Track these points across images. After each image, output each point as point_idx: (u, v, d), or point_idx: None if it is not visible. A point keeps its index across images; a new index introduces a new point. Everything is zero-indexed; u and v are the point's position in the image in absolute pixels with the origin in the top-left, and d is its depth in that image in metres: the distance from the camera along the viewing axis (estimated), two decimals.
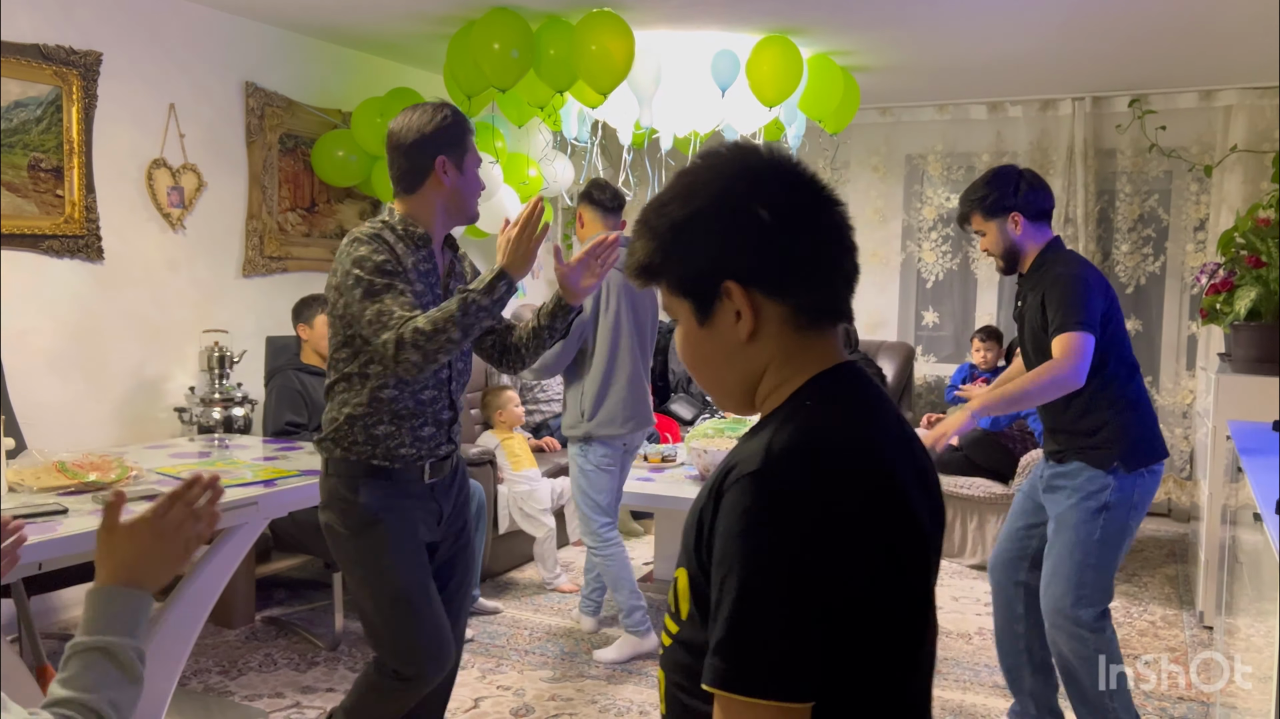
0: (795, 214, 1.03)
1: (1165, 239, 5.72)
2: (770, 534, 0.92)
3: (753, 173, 1.05)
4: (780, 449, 0.96)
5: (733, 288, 1.03)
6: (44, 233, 3.69)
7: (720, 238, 1.03)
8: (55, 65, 3.69)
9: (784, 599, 0.91)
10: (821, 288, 1.06)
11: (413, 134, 2.23)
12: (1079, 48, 4.66)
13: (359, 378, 2.23)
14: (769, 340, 1.05)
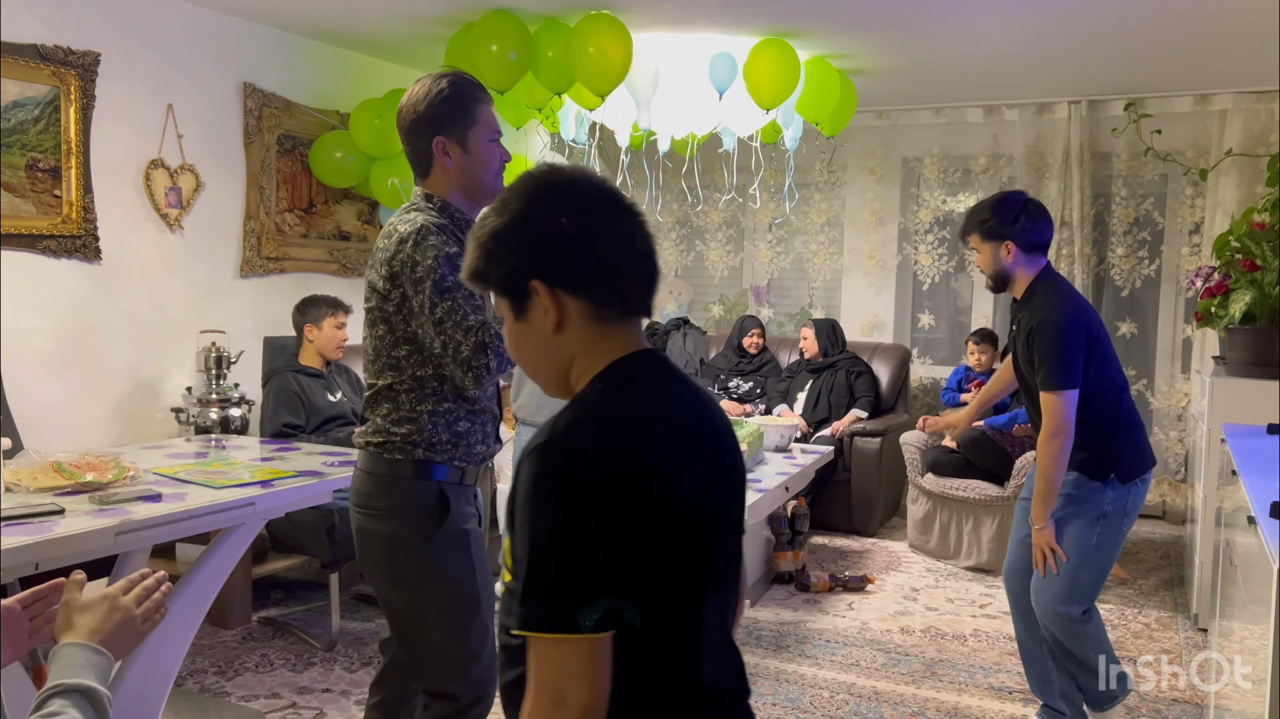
0: (592, 223, 1.20)
1: (1160, 242, 5.74)
2: (546, 495, 1.10)
3: (557, 187, 1.21)
4: (561, 425, 1.14)
5: (539, 287, 1.19)
6: (41, 233, 3.69)
7: (528, 243, 1.19)
8: (53, 65, 3.69)
9: (559, 551, 1.08)
10: (616, 286, 1.22)
11: (408, 115, 2.08)
12: (1075, 51, 4.68)
13: (434, 377, 2.03)
14: (574, 332, 1.21)
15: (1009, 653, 3.72)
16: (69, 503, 2.32)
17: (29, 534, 2.08)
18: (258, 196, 4.54)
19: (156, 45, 4.07)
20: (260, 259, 4.57)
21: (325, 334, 3.98)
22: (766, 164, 5.84)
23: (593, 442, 1.12)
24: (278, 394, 3.85)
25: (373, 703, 2.27)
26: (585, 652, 1.08)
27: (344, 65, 4.96)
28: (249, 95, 4.47)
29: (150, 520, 2.28)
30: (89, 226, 3.84)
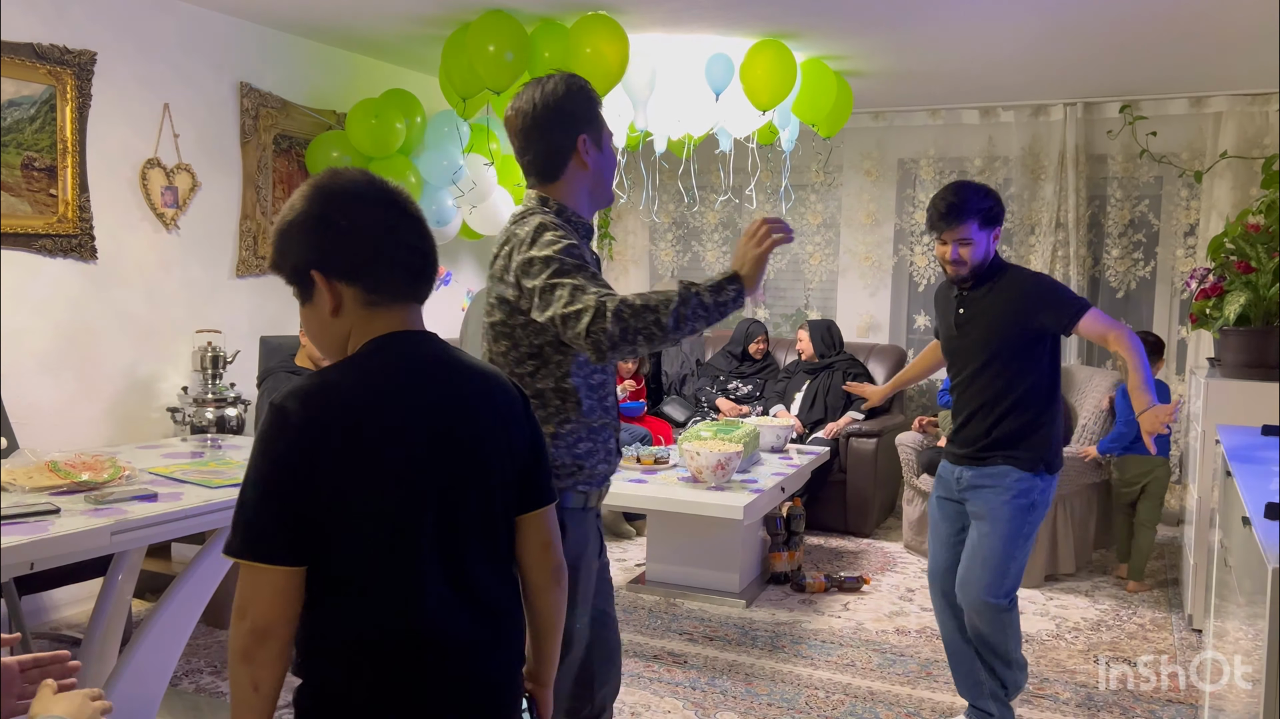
0: (362, 219, 1.38)
1: (1155, 244, 5.75)
2: (260, 446, 1.31)
3: (333, 189, 1.39)
4: (289, 389, 1.34)
5: (317, 276, 1.37)
6: (37, 232, 3.68)
7: (308, 238, 1.38)
8: (49, 65, 3.68)
9: (260, 493, 1.29)
10: (384, 274, 1.39)
11: (544, 112, 1.99)
12: (1071, 54, 4.69)
13: (555, 392, 1.97)
14: (348, 315, 1.39)
15: None
16: (64, 502, 2.31)
17: (24, 534, 2.08)
18: (254, 196, 4.53)
19: (153, 45, 4.06)
20: (256, 259, 4.57)
21: None
22: (763, 165, 5.85)
23: (298, 407, 1.31)
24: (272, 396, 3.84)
25: None
26: (270, 580, 1.28)
27: (340, 65, 4.96)
28: (245, 95, 4.46)
29: (146, 520, 2.28)
30: (85, 226, 3.84)
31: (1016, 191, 5.92)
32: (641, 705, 3.22)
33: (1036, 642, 3.86)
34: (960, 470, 2.90)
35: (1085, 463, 4.80)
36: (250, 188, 4.52)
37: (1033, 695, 3.36)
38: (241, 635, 1.28)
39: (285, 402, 1.32)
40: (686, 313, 1.81)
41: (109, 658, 2.71)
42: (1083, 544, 4.89)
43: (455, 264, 5.70)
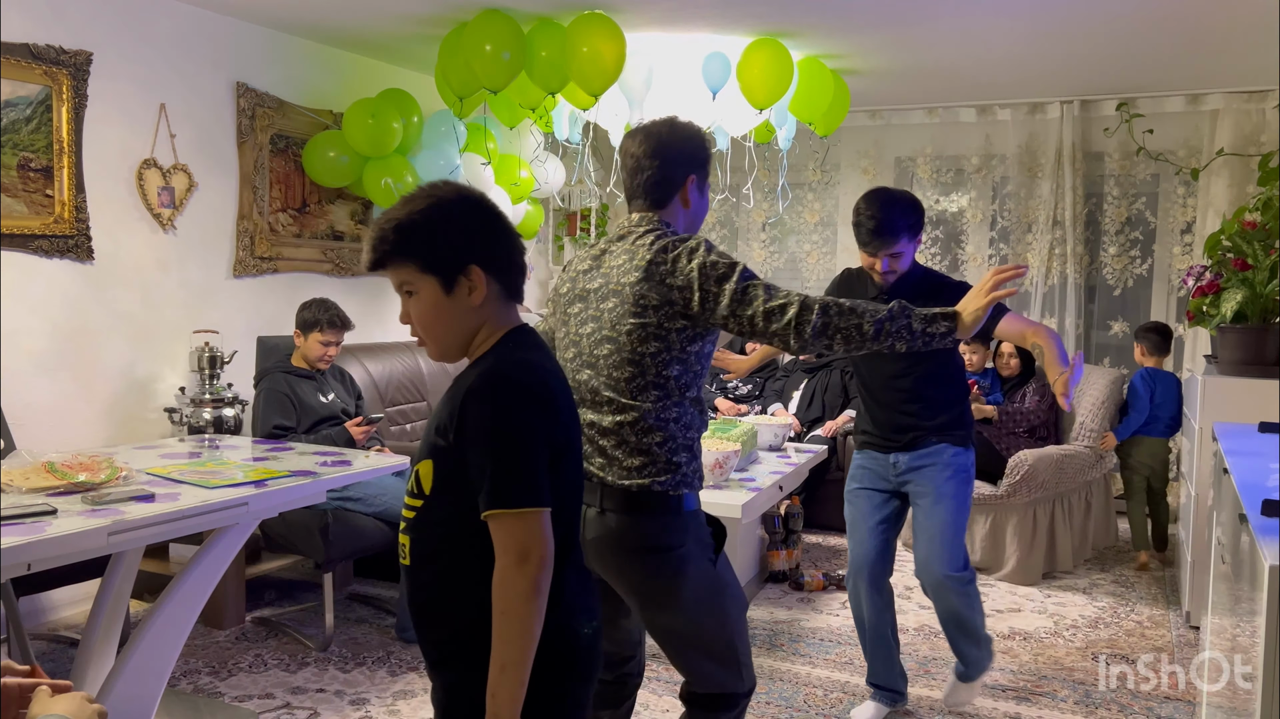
0: (500, 227, 1.58)
1: (1152, 242, 5.76)
2: (501, 413, 1.47)
3: (477, 195, 1.58)
4: (501, 370, 1.50)
5: (475, 269, 1.53)
6: (34, 233, 3.68)
7: (473, 232, 1.54)
8: (45, 65, 3.68)
9: (518, 448, 1.46)
10: (516, 274, 1.60)
11: (675, 143, 2.11)
12: (1067, 51, 4.69)
13: (694, 401, 2.07)
14: (486, 307, 1.56)
15: (1002, 651, 3.73)
16: (61, 503, 2.31)
17: (21, 535, 2.07)
18: (251, 196, 4.53)
19: (149, 44, 4.06)
20: (253, 259, 4.56)
21: (309, 345, 3.93)
22: (760, 164, 5.84)
23: (524, 376, 1.50)
24: (268, 396, 3.83)
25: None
26: (544, 521, 1.46)
27: (337, 65, 4.95)
28: (242, 95, 4.46)
29: (143, 521, 2.27)
30: (81, 226, 3.83)
31: (1013, 189, 5.93)
32: (640, 705, 3.22)
33: (1035, 639, 3.87)
34: (896, 456, 3.00)
35: (1086, 459, 4.80)
36: (247, 188, 4.51)
37: (1030, 693, 3.37)
38: (529, 577, 1.44)
39: (508, 374, 1.49)
40: (891, 328, 1.94)
41: (107, 658, 2.71)
42: (1081, 542, 4.90)
43: None
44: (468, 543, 1.50)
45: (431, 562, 1.55)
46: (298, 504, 2.86)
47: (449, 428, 1.50)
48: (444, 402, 1.55)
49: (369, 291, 5.24)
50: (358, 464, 3.02)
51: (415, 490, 1.56)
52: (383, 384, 4.75)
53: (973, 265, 6.10)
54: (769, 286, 1.98)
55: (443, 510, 1.53)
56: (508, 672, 1.43)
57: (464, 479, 1.48)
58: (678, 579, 2.04)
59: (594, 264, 2.12)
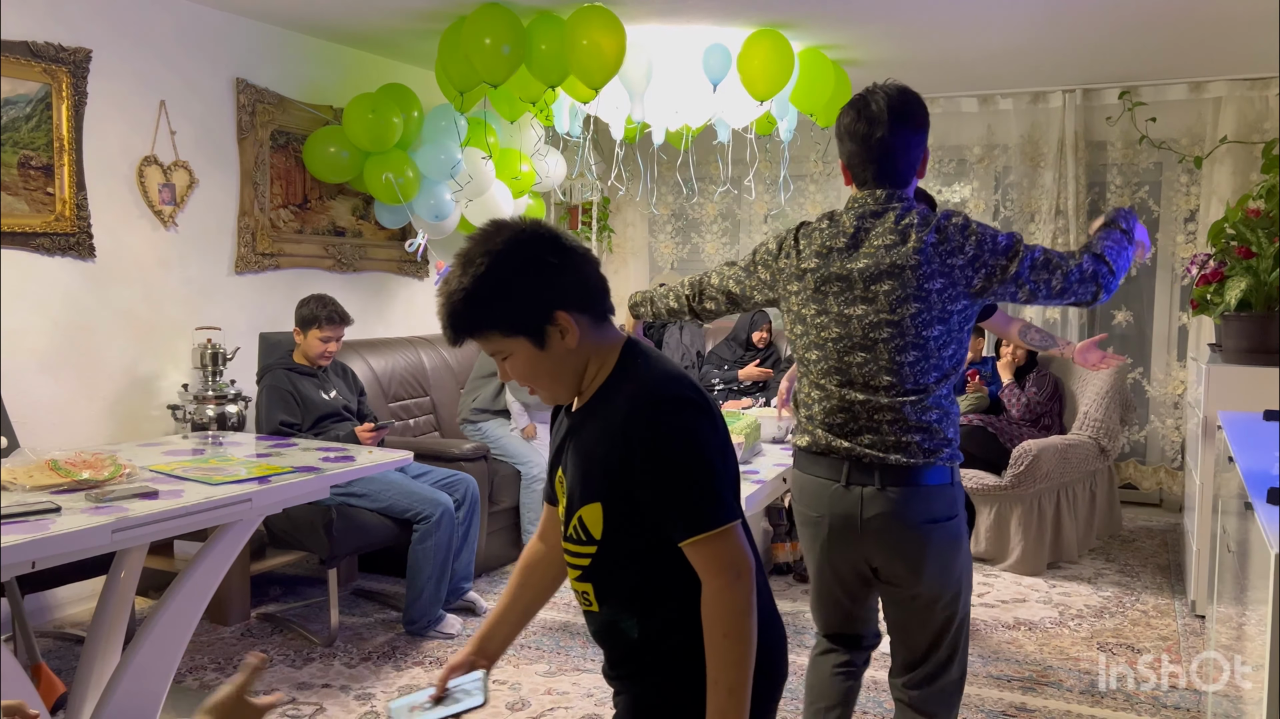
0: (567, 253, 1.45)
1: (1156, 230, 5.74)
2: (684, 432, 1.40)
3: (528, 234, 1.44)
4: (644, 395, 1.42)
5: (562, 315, 1.42)
6: (35, 230, 3.68)
7: (545, 282, 1.42)
8: (44, 63, 3.67)
9: (709, 466, 1.41)
10: (601, 297, 1.49)
11: (925, 117, 2.19)
12: (1069, 40, 4.67)
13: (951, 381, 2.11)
14: (586, 340, 1.46)
15: (1007, 641, 3.73)
16: (65, 501, 2.31)
17: (25, 532, 2.08)
18: (252, 193, 4.53)
19: (148, 41, 4.05)
20: (255, 255, 4.56)
21: (309, 342, 3.92)
22: (761, 155, 5.83)
23: (691, 393, 1.43)
24: (271, 393, 3.83)
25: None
26: (737, 534, 1.41)
27: (337, 60, 4.94)
28: (242, 91, 4.45)
29: (147, 518, 2.27)
30: (82, 224, 3.83)
31: (1016, 179, 5.91)
32: None
33: (1040, 629, 3.87)
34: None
35: (1090, 448, 4.80)
36: (248, 184, 4.51)
37: (1036, 683, 3.37)
38: (744, 594, 1.40)
39: (681, 394, 1.43)
40: (1132, 243, 2.16)
41: (112, 655, 2.71)
42: (1085, 531, 4.90)
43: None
44: (654, 568, 1.46)
45: (622, 598, 1.50)
46: (301, 500, 2.86)
47: (615, 467, 1.42)
48: (589, 436, 1.47)
49: (371, 287, 5.24)
50: (361, 460, 3.02)
51: (581, 537, 1.49)
52: (385, 379, 4.75)
53: None
54: (1052, 252, 2.05)
55: (621, 549, 1.47)
56: (735, 694, 1.37)
57: (639, 512, 1.43)
58: (956, 546, 2.13)
59: (850, 242, 2.09)
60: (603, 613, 1.52)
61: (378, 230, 5.21)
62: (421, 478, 3.95)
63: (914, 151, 2.14)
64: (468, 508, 3.93)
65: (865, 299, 2.05)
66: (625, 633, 1.51)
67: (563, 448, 1.55)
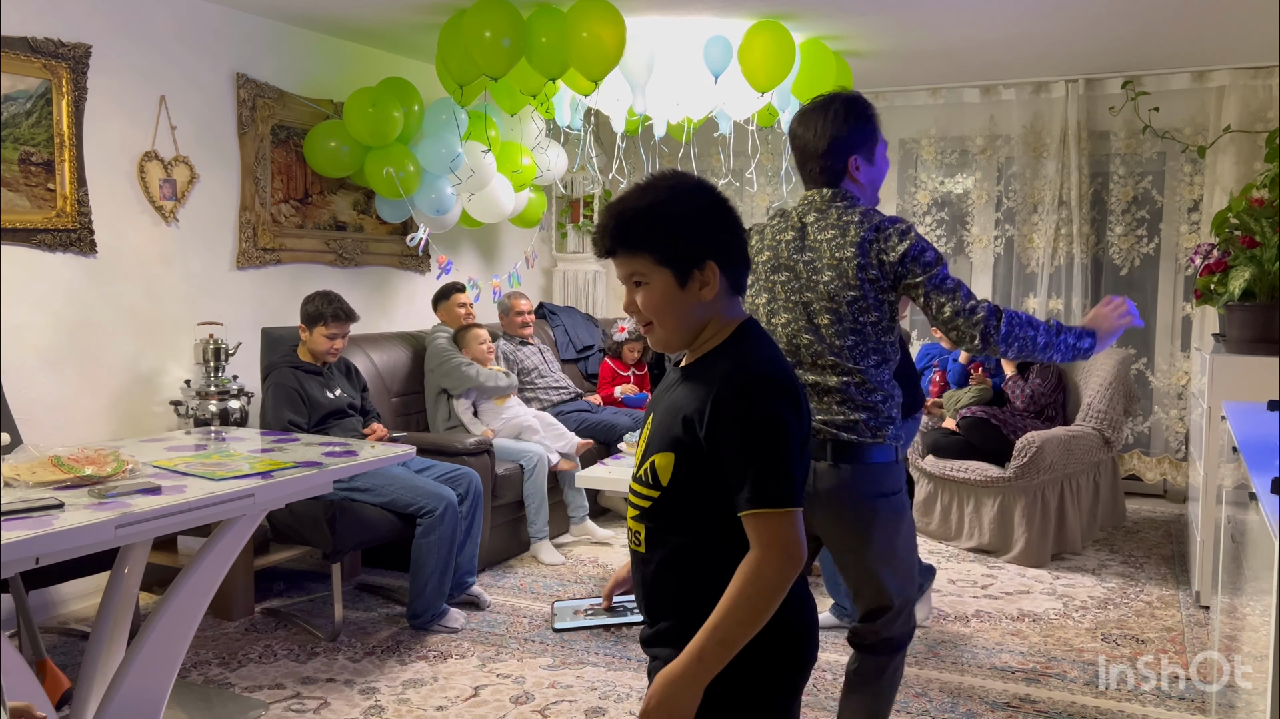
0: (736, 220, 1.57)
1: (1159, 220, 5.72)
2: (761, 413, 1.47)
3: (715, 192, 1.56)
4: (751, 366, 1.51)
5: (712, 265, 1.52)
6: (36, 227, 3.68)
7: (709, 230, 1.53)
8: (44, 58, 3.67)
9: (782, 447, 1.47)
10: (745, 270, 1.60)
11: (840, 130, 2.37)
12: (1071, 30, 4.65)
13: (889, 363, 2.28)
14: (717, 301, 1.55)
15: (1012, 633, 3.73)
16: (68, 497, 2.31)
17: (28, 528, 2.08)
18: (253, 188, 4.52)
19: (147, 36, 4.05)
20: (256, 250, 4.56)
21: (315, 340, 3.92)
22: (763, 147, 5.82)
23: (777, 374, 1.50)
24: (277, 390, 3.82)
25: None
26: (798, 520, 1.47)
27: (337, 54, 4.93)
28: (242, 86, 4.44)
29: (150, 513, 2.27)
30: (83, 220, 3.83)
31: (1019, 170, 5.89)
32: None
33: (1044, 621, 3.86)
34: None
35: (1094, 439, 4.79)
36: (249, 179, 4.50)
37: (1040, 674, 3.36)
38: (785, 575, 1.46)
39: (776, 378, 1.49)
40: (1056, 343, 2.21)
41: (117, 651, 2.72)
42: (1089, 523, 4.89)
43: (456, 252, 5.69)
44: (707, 533, 1.52)
45: (668, 550, 1.56)
46: (304, 495, 2.86)
47: (697, 422, 1.50)
48: (684, 392, 1.55)
49: (372, 282, 5.24)
50: (364, 455, 3.02)
51: (649, 480, 1.56)
52: (387, 374, 4.75)
53: (978, 247, 6.07)
54: (964, 288, 2.20)
55: (682, 502, 1.54)
56: (725, 646, 1.45)
57: (708, 473, 1.50)
58: (899, 518, 2.29)
59: (798, 236, 2.29)
60: (648, 557, 1.58)
61: (379, 225, 5.21)
62: (424, 472, 3.96)
63: (853, 153, 2.35)
64: (471, 502, 3.93)
65: (809, 287, 2.25)
66: (663, 580, 1.57)
67: (660, 395, 1.64)
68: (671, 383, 1.62)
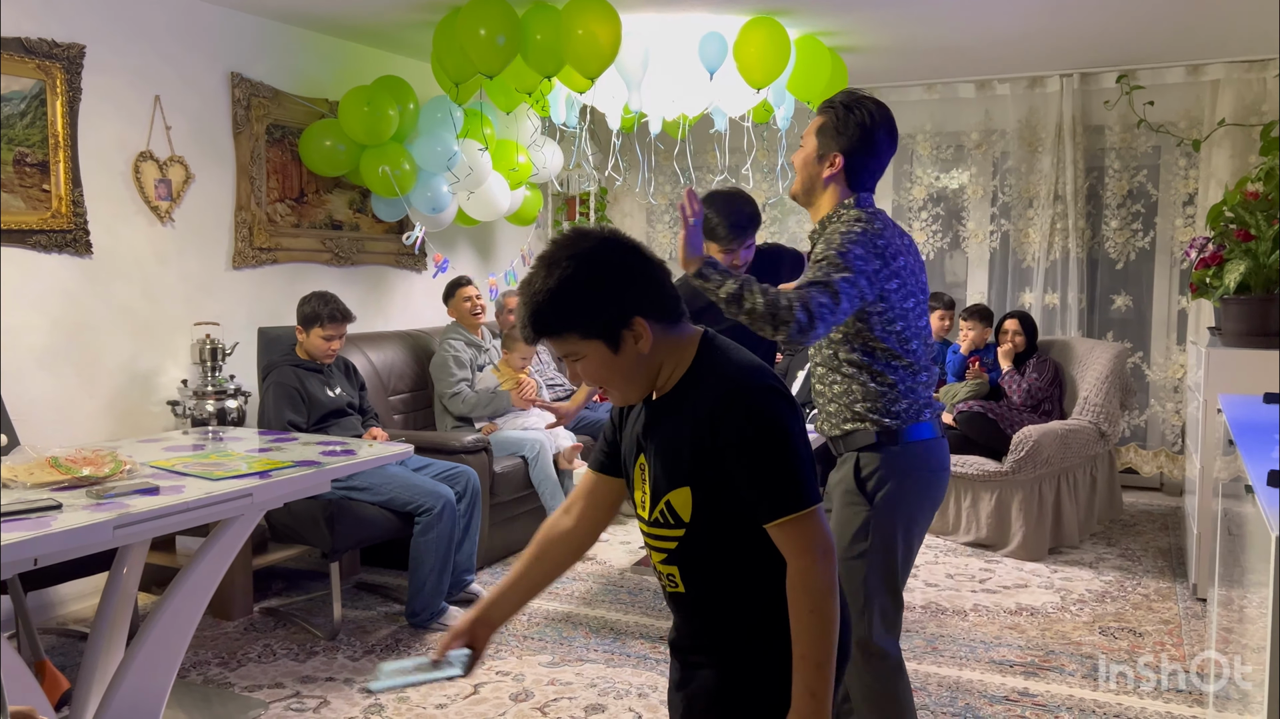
0: (646, 261, 1.52)
1: (1154, 214, 5.73)
2: (772, 421, 1.47)
3: (609, 242, 1.51)
4: (732, 384, 1.49)
5: (639, 322, 1.48)
6: (31, 228, 3.67)
7: (622, 289, 1.48)
8: (38, 59, 3.66)
9: (795, 451, 1.47)
10: (673, 302, 1.54)
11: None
12: (1066, 24, 4.66)
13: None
14: (658, 345, 1.52)
15: (1009, 627, 3.74)
16: (66, 498, 2.31)
17: (27, 530, 2.08)
18: (248, 187, 4.52)
19: (142, 36, 4.04)
20: (252, 250, 4.55)
21: (312, 341, 3.91)
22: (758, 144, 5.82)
23: (764, 379, 1.50)
24: (277, 389, 3.81)
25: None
26: (820, 516, 1.48)
27: (332, 53, 4.93)
28: (237, 85, 4.44)
29: (148, 513, 2.27)
30: (79, 221, 3.82)
31: (1014, 164, 5.90)
32: (649, 686, 3.23)
33: (1042, 614, 3.87)
34: None
35: (1090, 433, 4.80)
36: (244, 179, 4.50)
37: (1038, 668, 3.37)
38: (829, 570, 1.47)
39: (765, 383, 1.49)
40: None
41: (116, 651, 2.72)
42: (1087, 516, 4.90)
43: (452, 251, 5.69)
44: (741, 554, 1.53)
45: (707, 583, 1.57)
46: (302, 494, 2.86)
47: (704, 453, 1.49)
48: (675, 425, 1.53)
49: (369, 281, 5.23)
50: (362, 454, 3.02)
51: (669, 521, 1.55)
52: (385, 373, 4.75)
53: (974, 242, 6.08)
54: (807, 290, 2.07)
55: (709, 533, 1.53)
56: (823, 669, 1.45)
57: (727, 495, 1.49)
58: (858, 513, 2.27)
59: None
60: (689, 593, 1.58)
61: (375, 223, 5.20)
62: (422, 471, 3.96)
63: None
64: (469, 500, 3.93)
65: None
66: (710, 611, 1.57)
67: (642, 438, 1.60)
68: (649, 420, 1.58)
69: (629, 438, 1.64)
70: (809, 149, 2.33)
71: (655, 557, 1.60)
